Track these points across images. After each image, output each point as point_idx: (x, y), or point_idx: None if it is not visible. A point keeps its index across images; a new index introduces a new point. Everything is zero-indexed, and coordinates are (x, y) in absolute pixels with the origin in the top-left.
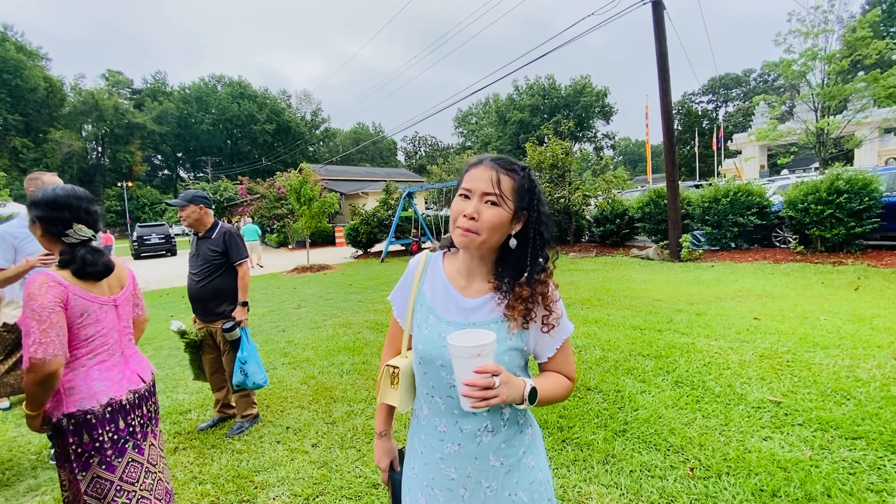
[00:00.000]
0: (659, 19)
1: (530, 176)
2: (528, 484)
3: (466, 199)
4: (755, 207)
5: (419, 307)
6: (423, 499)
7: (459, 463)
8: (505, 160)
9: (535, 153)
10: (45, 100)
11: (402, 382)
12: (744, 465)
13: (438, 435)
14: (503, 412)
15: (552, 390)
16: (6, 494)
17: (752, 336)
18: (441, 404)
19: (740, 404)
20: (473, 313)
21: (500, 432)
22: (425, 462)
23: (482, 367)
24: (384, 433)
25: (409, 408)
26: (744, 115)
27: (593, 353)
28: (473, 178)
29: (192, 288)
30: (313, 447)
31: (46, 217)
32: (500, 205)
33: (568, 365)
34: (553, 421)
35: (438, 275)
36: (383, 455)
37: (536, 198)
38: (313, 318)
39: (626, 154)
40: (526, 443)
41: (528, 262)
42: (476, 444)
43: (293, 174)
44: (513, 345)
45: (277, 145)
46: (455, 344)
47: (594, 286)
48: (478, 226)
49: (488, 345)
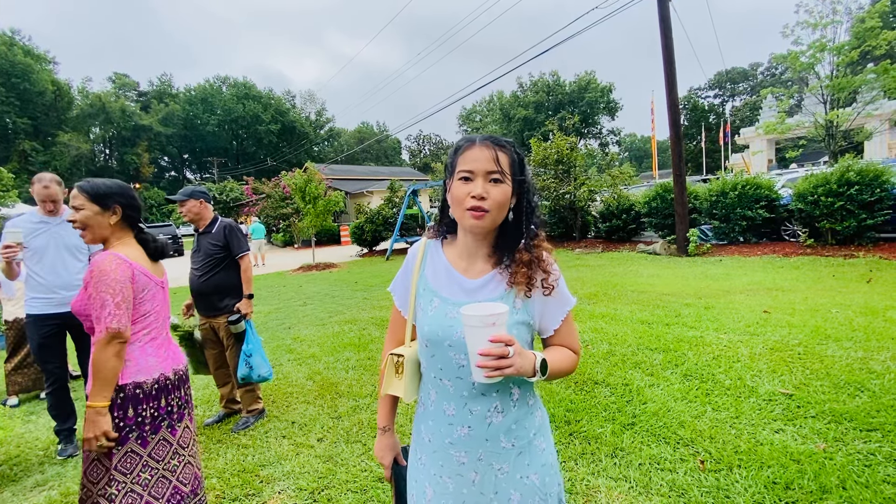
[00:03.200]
0: (664, 12)
1: (517, 148)
2: (540, 466)
3: (469, 181)
4: (764, 201)
5: (422, 291)
6: (430, 489)
7: (470, 446)
8: (495, 137)
9: (540, 149)
10: (54, 103)
11: (407, 371)
12: (756, 457)
13: (447, 419)
14: (512, 392)
15: (561, 363)
16: (13, 489)
17: (762, 329)
18: (450, 387)
19: (751, 397)
20: (478, 293)
21: (510, 412)
22: (433, 450)
23: (497, 335)
24: (387, 428)
25: (413, 398)
26: (751, 110)
27: (600, 347)
28: (472, 158)
29: (194, 283)
30: (319, 442)
31: (129, 204)
32: (504, 181)
33: (573, 338)
34: (560, 414)
35: (439, 259)
36: (387, 451)
37: (525, 169)
38: (319, 316)
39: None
40: (536, 424)
41: (523, 230)
42: (486, 425)
43: (298, 173)
44: (519, 318)
45: (282, 145)
46: (470, 314)
47: (601, 281)
48: (487, 203)
49: (502, 314)
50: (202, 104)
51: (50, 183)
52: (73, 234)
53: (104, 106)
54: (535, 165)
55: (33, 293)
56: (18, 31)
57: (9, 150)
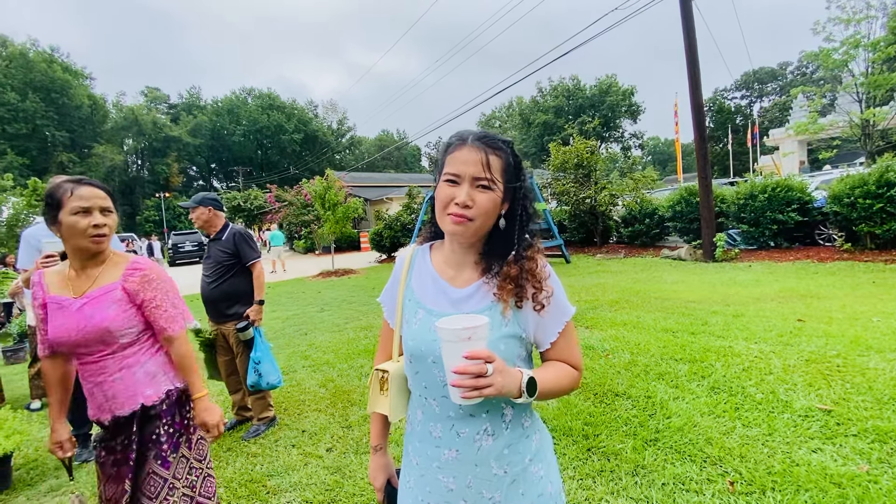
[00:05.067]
0: (687, 12)
1: (514, 151)
2: (536, 497)
3: (454, 185)
4: (796, 203)
5: (408, 303)
6: None
7: (458, 471)
8: (490, 137)
9: (560, 153)
10: (90, 116)
11: (393, 388)
12: (791, 479)
13: (434, 441)
14: (504, 413)
15: (556, 381)
16: (28, 494)
17: (796, 339)
18: (435, 406)
19: (785, 412)
20: (464, 303)
21: (501, 436)
22: (421, 473)
23: (473, 352)
24: (379, 447)
25: (401, 416)
26: (780, 110)
27: (622, 356)
28: (460, 160)
29: (204, 290)
30: (328, 452)
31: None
32: (493, 188)
33: (572, 352)
34: (578, 428)
35: (426, 268)
36: (378, 472)
37: (521, 173)
38: (335, 322)
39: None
40: (533, 449)
41: (514, 240)
42: (475, 449)
43: (318, 181)
44: (508, 332)
45: (305, 154)
46: (443, 327)
47: (623, 288)
48: (472, 212)
49: (479, 327)
50: (228, 115)
51: None
52: None
53: (137, 118)
54: (555, 170)
55: None
56: (58, 49)
57: (48, 161)
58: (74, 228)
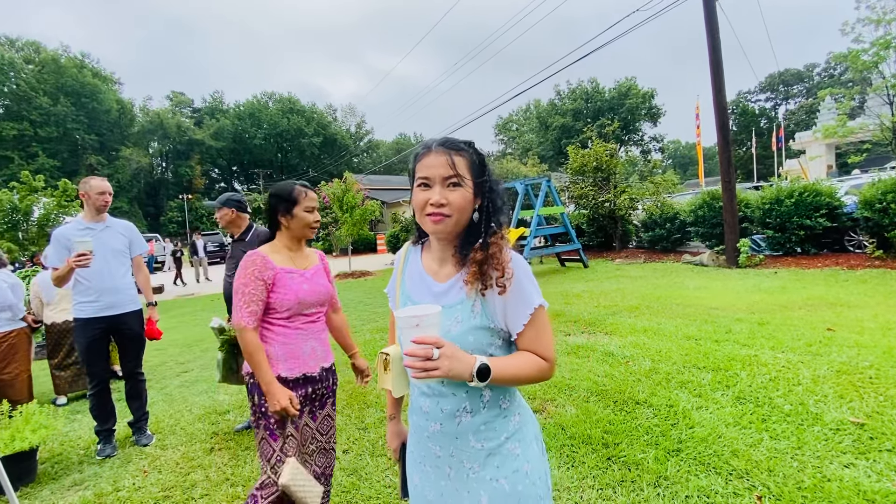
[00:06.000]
0: (711, 13)
1: (477, 150)
2: (512, 472)
3: (427, 188)
4: (824, 209)
5: (402, 295)
6: (417, 476)
7: (442, 442)
8: (451, 141)
9: (578, 156)
10: (118, 120)
11: (394, 368)
12: (822, 495)
13: (424, 415)
14: (483, 394)
15: (517, 369)
16: (52, 487)
17: (825, 349)
18: (423, 385)
19: (815, 425)
20: (443, 296)
21: (479, 413)
22: (417, 440)
23: (419, 337)
24: (393, 416)
25: (403, 392)
26: (807, 113)
27: (642, 363)
28: (428, 165)
29: (226, 289)
30: (344, 453)
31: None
32: (462, 185)
33: (539, 343)
34: (598, 436)
35: (416, 264)
36: (393, 437)
37: (487, 169)
38: (352, 323)
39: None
40: (510, 429)
41: (482, 229)
42: (456, 423)
43: (336, 183)
44: (477, 323)
45: (324, 157)
46: (398, 315)
47: (643, 293)
48: (447, 209)
49: (427, 316)
50: (250, 119)
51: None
52: (116, 240)
53: (162, 122)
54: (573, 173)
55: (81, 297)
56: (88, 55)
57: (78, 163)
58: (304, 220)
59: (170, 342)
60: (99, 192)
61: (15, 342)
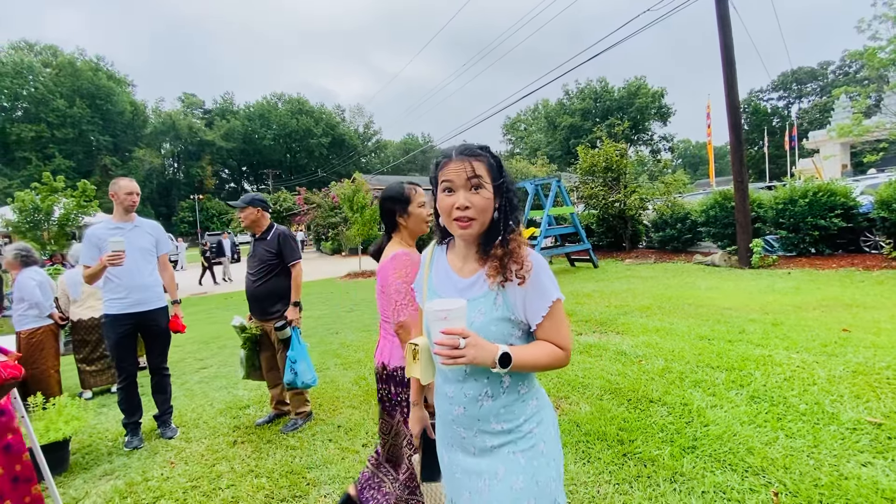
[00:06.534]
0: (723, 11)
1: (492, 153)
2: (529, 447)
3: (452, 193)
4: (839, 209)
5: (429, 290)
6: (446, 455)
7: (466, 424)
8: (469, 148)
9: (588, 156)
10: (131, 122)
11: (422, 358)
12: (839, 492)
13: (448, 399)
14: (503, 380)
15: (536, 357)
16: (84, 477)
17: (841, 349)
18: (448, 371)
19: (831, 424)
20: (467, 291)
21: (499, 398)
22: (443, 423)
23: (447, 329)
24: (416, 402)
25: (430, 380)
26: (821, 111)
27: (655, 363)
28: (451, 171)
29: (249, 288)
30: (364, 447)
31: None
32: (484, 187)
33: (558, 334)
34: (612, 433)
35: (442, 262)
36: (416, 422)
37: (503, 170)
38: (364, 321)
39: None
40: (528, 412)
41: (501, 228)
42: (478, 407)
43: (346, 184)
44: (499, 315)
45: (332, 157)
46: (427, 309)
47: (654, 293)
48: (472, 212)
49: (454, 310)
50: (259, 120)
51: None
52: (144, 239)
53: (174, 124)
54: (583, 173)
55: (111, 294)
56: (103, 58)
57: (92, 164)
58: (420, 216)
59: (187, 339)
60: (127, 192)
61: (42, 339)
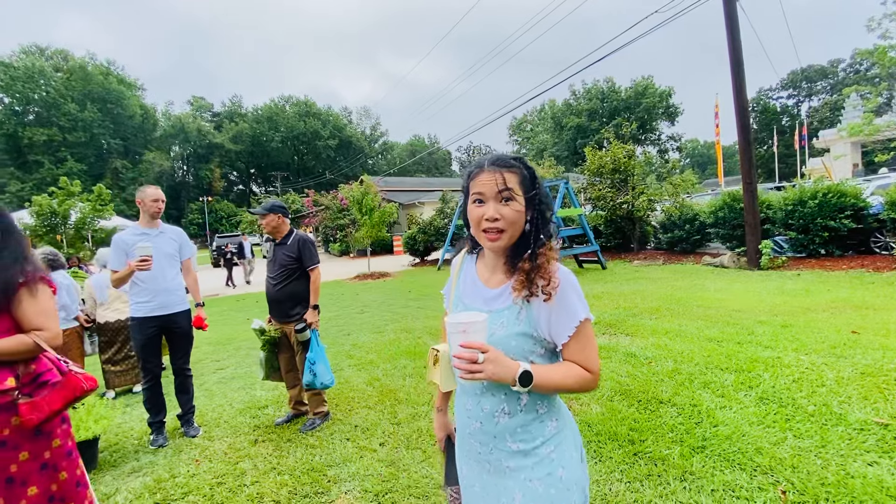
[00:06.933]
0: (731, 10)
1: (526, 164)
2: (545, 475)
3: (482, 204)
4: (849, 210)
5: (455, 298)
6: (465, 468)
7: (482, 439)
8: (502, 159)
9: (595, 157)
10: (141, 125)
11: (443, 365)
12: (846, 491)
13: (466, 412)
14: (520, 397)
15: (559, 378)
16: (114, 474)
17: (850, 351)
18: (466, 384)
19: (839, 425)
20: (493, 302)
21: (516, 416)
22: (461, 436)
23: (465, 342)
24: (440, 409)
25: (450, 388)
26: (831, 110)
27: (664, 364)
28: (482, 183)
29: (269, 291)
30: (381, 446)
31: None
32: (514, 199)
33: (584, 355)
34: (623, 433)
35: (470, 271)
36: (439, 428)
37: (537, 182)
38: (375, 323)
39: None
40: (546, 434)
41: (531, 241)
42: (494, 423)
43: (355, 186)
44: (521, 329)
45: (339, 159)
46: (447, 320)
47: (663, 295)
48: (501, 224)
49: (473, 323)
50: (267, 122)
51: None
52: (168, 245)
53: (183, 126)
54: (590, 175)
55: (137, 298)
56: (114, 62)
57: (104, 167)
58: None
59: (203, 340)
60: (153, 199)
61: (68, 340)
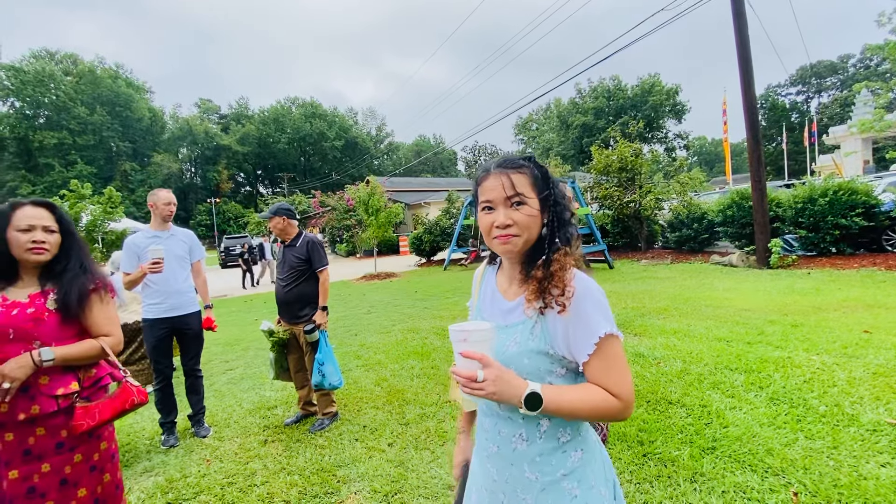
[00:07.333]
0: (739, 7)
1: (537, 163)
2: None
3: (491, 211)
4: (860, 207)
5: (476, 312)
6: (475, 496)
7: (499, 465)
8: (510, 160)
9: (602, 156)
10: (150, 128)
11: None
12: (858, 492)
13: (485, 434)
14: (540, 423)
15: (577, 401)
16: (126, 474)
17: (862, 351)
18: (484, 404)
19: (851, 426)
20: (510, 314)
21: (534, 443)
22: (479, 459)
23: (466, 351)
24: (462, 430)
25: (472, 407)
26: (841, 106)
27: (673, 365)
28: (489, 189)
29: (279, 292)
30: (389, 446)
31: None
32: (526, 202)
33: (609, 378)
34: (632, 434)
35: (490, 282)
36: (459, 452)
37: (551, 181)
38: (382, 323)
39: (702, 154)
40: (568, 465)
41: (546, 245)
42: (511, 449)
43: (361, 187)
44: (535, 346)
45: (345, 160)
46: (450, 328)
47: (671, 295)
48: (514, 229)
49: (475, 332)
50: (274, 124)
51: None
52: (179, 247)
53: (191, 129)
54: (597, 174)
55: (149, 300)
56: (122, 66)
57: (113, 170)
58: None
59: (211, 341)
60: (165, 202)
61: None
